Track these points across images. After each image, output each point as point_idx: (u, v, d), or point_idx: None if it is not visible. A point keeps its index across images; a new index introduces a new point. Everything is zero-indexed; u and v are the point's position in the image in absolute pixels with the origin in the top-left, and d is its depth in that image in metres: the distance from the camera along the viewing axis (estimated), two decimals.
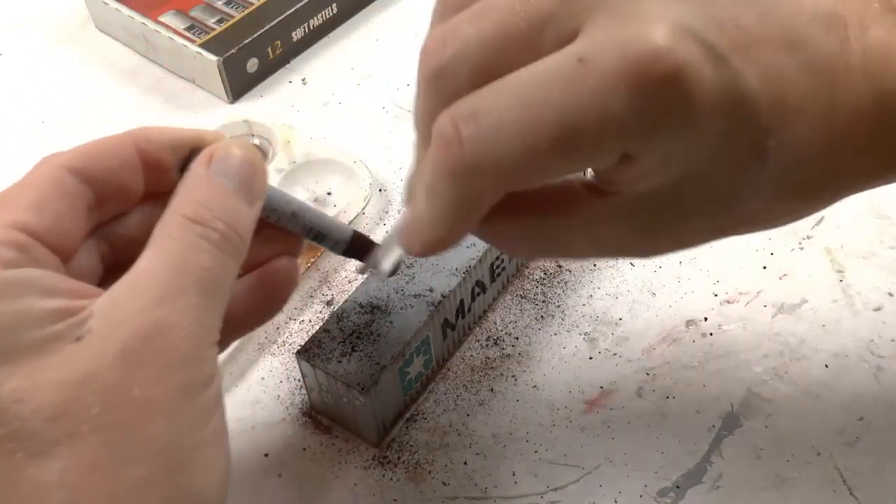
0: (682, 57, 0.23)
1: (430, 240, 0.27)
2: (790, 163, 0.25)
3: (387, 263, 0.34)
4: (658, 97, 0.23)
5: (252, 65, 0.55)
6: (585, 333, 0.41)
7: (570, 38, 0.24)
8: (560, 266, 0.44)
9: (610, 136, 0.23)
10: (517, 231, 0.28)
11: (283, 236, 0.32)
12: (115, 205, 0.30)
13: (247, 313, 0.32)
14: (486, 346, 0.41)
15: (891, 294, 0.42)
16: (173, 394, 0.25)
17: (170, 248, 0.27)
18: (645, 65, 0.23)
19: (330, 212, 0.46)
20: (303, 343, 0.37)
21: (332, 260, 0.45)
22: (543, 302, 0.43)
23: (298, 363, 0.37)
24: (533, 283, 0.43)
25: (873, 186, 0.28)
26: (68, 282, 0.26)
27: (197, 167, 0.29)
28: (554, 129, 0.23)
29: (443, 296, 0.38)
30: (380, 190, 0.49)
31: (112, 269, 0.30)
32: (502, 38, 0.25)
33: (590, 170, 0.27)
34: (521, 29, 0.24)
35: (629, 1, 0.24)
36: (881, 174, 0.27)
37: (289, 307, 0.43)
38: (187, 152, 0.30)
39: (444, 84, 0.25)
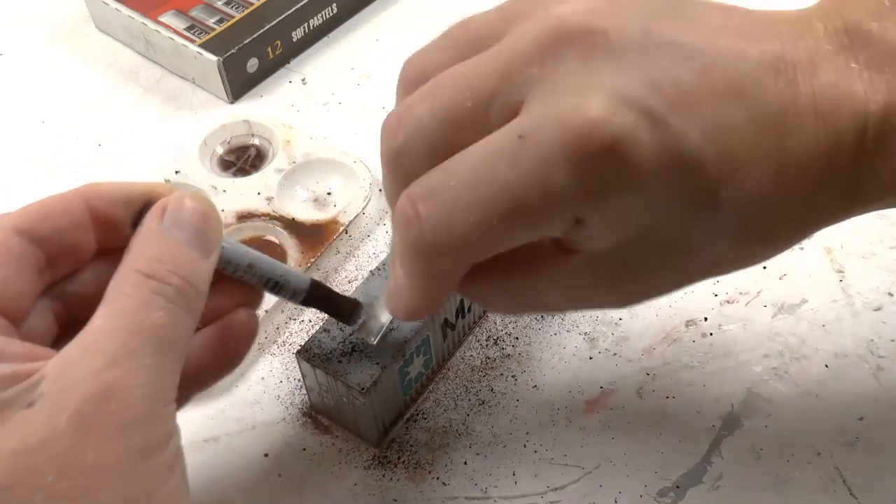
0: (619, 126, 0.23)
1: (413, 307, 0.28)
2: (745, 210, 0.26)
3: (375, 327, 0.35)
4: (597, 167, 0.24)
5: (252, 65, 0.55)
6: (585, 333, 0.41)
7: (515, 112, 0.25)
8: None
9: (556, 207, 0.24)
10: (494, 290, 0.29)
11: (241, 288, 0.32)
12: (68, 263, 0.29)
13: (205, 368, 0.31)
14: (486, 346, 0.41)
15: (891, 294, 0.42)
16: (128, 457, 0.24)
17: (123, 306, 0.26)
18: (582, 137, 0.23)
19: (330, 212, 0.46)
20: (303, 343, 0.37)
21: (332, 260, 0.45)
22: None
23: (298, 363, 0.37)
24: None
25: (837, 222, 0.28)
26: (18, 345, 0.26)
27: (150, 221, 0.28)
28: (502, 205, 0.24)
29: None
30: (380, 190, 0.49)
31: (67, 328, 0.30)
32: (452, 117, 0.26)
33: None
34: (469, 107, 0.25)
35: (567, 73, 0.25)
36: (841, 211, 0.28)
37: (289, 307, 0.43)
38: (139, 206, 0.29)
39: (403, 163, 0.26)
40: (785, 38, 0.26)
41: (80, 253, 0.29)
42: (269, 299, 0.42)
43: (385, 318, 0.35)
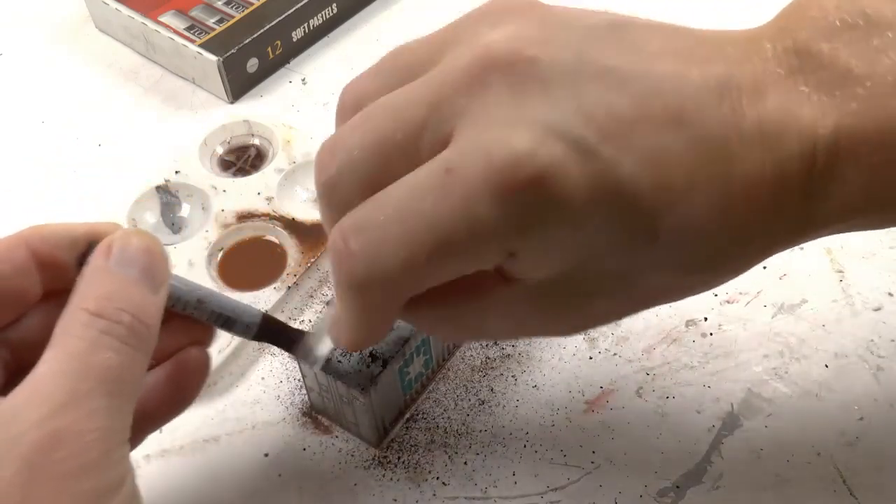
0: (545, 158, 0.23)
1: (352, 340, 0.28)
2: (686, 240, 0.25)
3: (319, 353, 0.34)
4: (525, 201, 0.23)
5: (252, 65, 0.55)
6: (585, 333, 0.41)
7: (444, 143, 0.25)
8: None
9: (484, 242, 0.24)
10: (437, 319, 0.29)
11: (192, 325, 0.31)
12: (12, 309, 0.29)
13: (158, 407, 0.31)
14: (486, 346, 0.41)
15: (891, 294, 0.42)
16: (77, 503, 0.24)
17: (71, 348, 0.25)
18: (507, 170, 0.23)
19: None
20: None
21: None
22: None
23: (298, 363, 0.37)
24: None
25: (788, 248, 0.27)
26: None
27: (96, 260, 0.27)
28: (429, 240, 0.24)
29: None
30: None
31: (14, 374, 0.29)
32: (382, 148, 0.25)
33: None
34: (399, 138, 0.25)
35: (495, 104, 0.24)
36: (792, 238, 0.27)
37: (289, 307, 0.43)
38: (84, 247, 0.28)
39: (336, 194, 0.26)
40: (731, 60, 0.25)
41: (25, 298, 0.29)
42: (269, 300, 0.42)
43: (326, 348, 0.35)
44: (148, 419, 0.31)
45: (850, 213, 0.26)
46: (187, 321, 0.31)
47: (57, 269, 0.29)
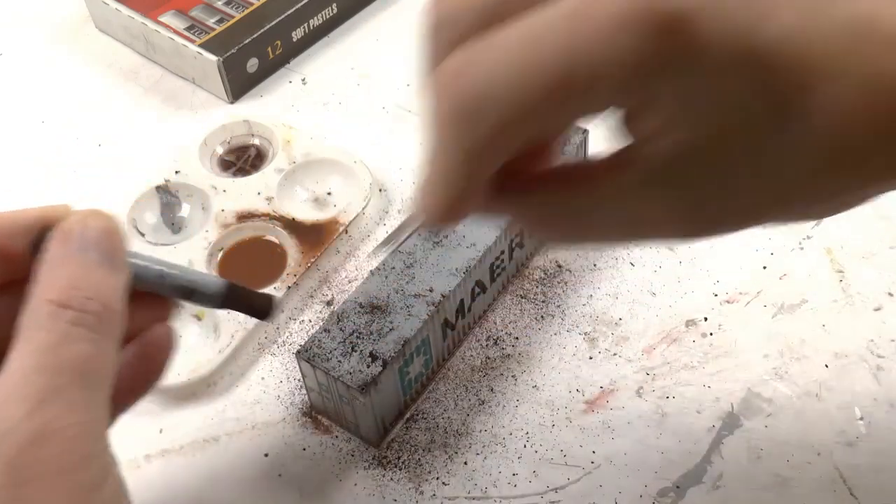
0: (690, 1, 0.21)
1: (447, 198, 0.25)
2: (827, 129, 0.22)
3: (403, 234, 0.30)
4: (660, 43, 0.21)
5: (252, 65, 0.55)
6: (585, 333, 0.41)
7: None
8: (560, 266, 0.44)
9: (612, 79, 0.22)
10: (544, 205, 0.26)
11: (152, 301, 0.30)
12: None
13: (128, 388, 0.30)
14: (486, 346, 0.41)
15: (891, 294, 0.42)
16: (68, 500, 0.23)
17: (42, 343, 0.25)
18: (644, 7, 0.21)
19: (330, 212, 0.46)
20: (303, 343, 0.37)
21: (333, 260, 0.45)
22: (543, 302, 0.43)
23: (298, 363, 0.37)
24: (533, 283, 0.43)
25: None
26: None
27: (56, 247, 0.27)
28: (554, 71, 0.22)
29: (443, 296, 0.38)
30: (380, 190, 0.49)
31: None
32: None
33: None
34: None
35: None
36: None
37: (289, 307, 0.43)
38: (38, 233, 0.27)
39: (449, 31, 0.24)
40: None
41: None
42: None
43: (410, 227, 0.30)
44: (118, 401, 0.30)
45: None
46: (147, 297, 0.30)
47: (11, 258, 0.28)
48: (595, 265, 0.44)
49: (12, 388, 0.24)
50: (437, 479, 0.37)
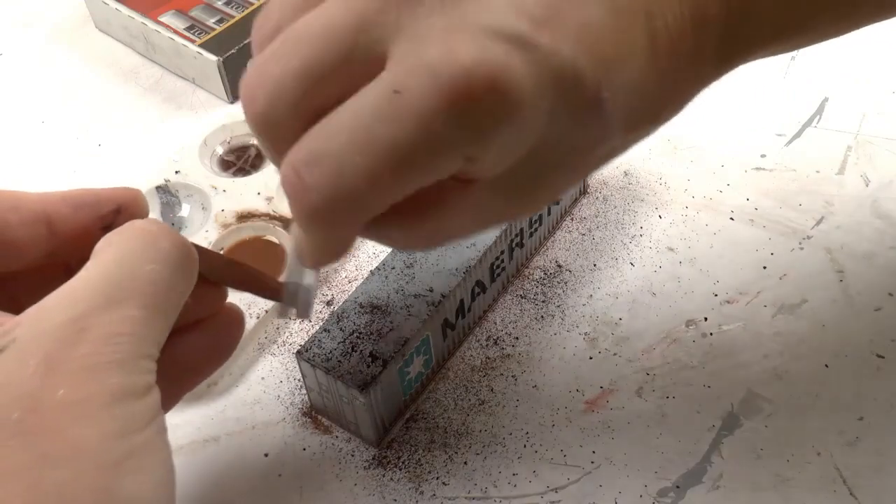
0: (493, 63, 0.23)
1: (319, 261, 0.28)
2: (628, 100, 0.26)
3: (305, 299, 0.33)
4: (480, 109, 0.23)
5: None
6: (585, 333, 0.41)
7: (379, 62, 0.24)
8: (560, 266, 0.44)
9: (443, 154, 0.24)
10: (400, 231, 0.28)
11: (210, 287, 0.32)
12: (10, 260, 0.29)
13: (198, 360, 0.32)
14: (486, 346, 0.41)
15: (891, 294, 0.42)
16: (102, 398, 0.24)
17: (113, 256, 0.26)
18: (459, 84, 0.23)
19: None
20: (303, 343, 0.37)
21: None
22: (543, 302, 0.43)
23: (298, 363, 0.37)
24: (533, 283, 0.43)
25: (723, 75, 0.29)
26: None
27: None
28: (387, 165, 0.24)
29: (443, 296, 0.38)
30: None
31: None
32: (313, 73, 0.25)
33: None
34: (329, 62, 0.24)
35: (427, 16, 0.24)
36: (722, 68, 0.29)
37: None
38: (110, 214, 0.29)
39: (273, 128, 0.25)
40: None
41: (22, 254, 0.29)
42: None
43: (306, 280, 0.33)
44: (188, 372, 0.32)
45: (766, 43, 0.29)
46: (206, 285, 0.31)
47: (74, 233, 0.29)
48: (595, 265, 0.44)
49: (70, 291, 0.25)
50: (437, 479, 0.37)
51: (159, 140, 0.53)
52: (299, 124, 0.25)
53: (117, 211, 0.29)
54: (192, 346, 0.31)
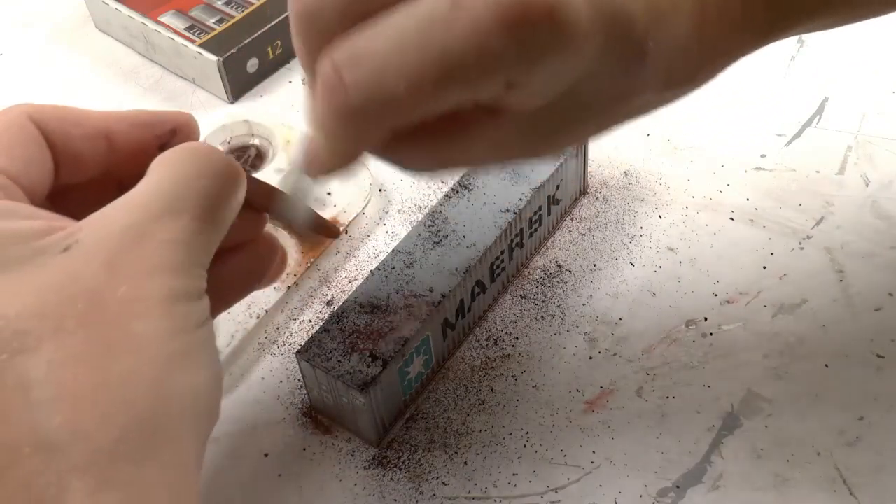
0: None
1: (332, 165, 0.28)
2: (670, 56, 0.27)
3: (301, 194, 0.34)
4: (534, 34, 0.24)
5: (252, 65, 0.55)
6: (585, 333, 0.41)
7: None
8: (560, 266, 0.44)
9: (491, 72, 0.24)
10: (418, 153, 0.29)
11: (253, 215, 0.33)
12: (66, 174, 0.30)
13: (238, 277, 0.33)
14: (486, 346, 0.41)
15: (891, 294, 0.42)
16: (161, 297, 0.25)
17: (169, 172, 0.27)
18: (519, 6, 0.23)
19: (330, 212, 0.46)
20: (303, 343, 0.37)
21: (332, 260, 0.45)
22: (543, 302, 0.43)
23: (298, 363, 0.37)
24: (533, 283, 0.43)
25: (760, 48, 0.31)
26: (48, 213, 0.27)
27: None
28: (435, 71, 0.24)
29: (443, 296, 0.38)
30: (380, 190, 0.49)
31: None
32: None
33: None
34: None
35: None
36: (762, 40, 0.30)
37: (289, 307, 0.43)
38: (167, 133, 0.31)
39: (317, 23, 0.25)
40: None
41: (82, 168, 0.30)
42: (269, 300, 0.42)
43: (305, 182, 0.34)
44: (229, 290, 0.33)
45: (809, 16, 0.30)
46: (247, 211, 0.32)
47: (132, 149, 0.31)
48: (595, 265, 0.44)
49: (131, 199, 0.26)
50: (437, 479, 0.37)
51: None
52: (346, 23, 0.25)
53: (173, 132, 0.31)
54: (233, 266, 0.32)
